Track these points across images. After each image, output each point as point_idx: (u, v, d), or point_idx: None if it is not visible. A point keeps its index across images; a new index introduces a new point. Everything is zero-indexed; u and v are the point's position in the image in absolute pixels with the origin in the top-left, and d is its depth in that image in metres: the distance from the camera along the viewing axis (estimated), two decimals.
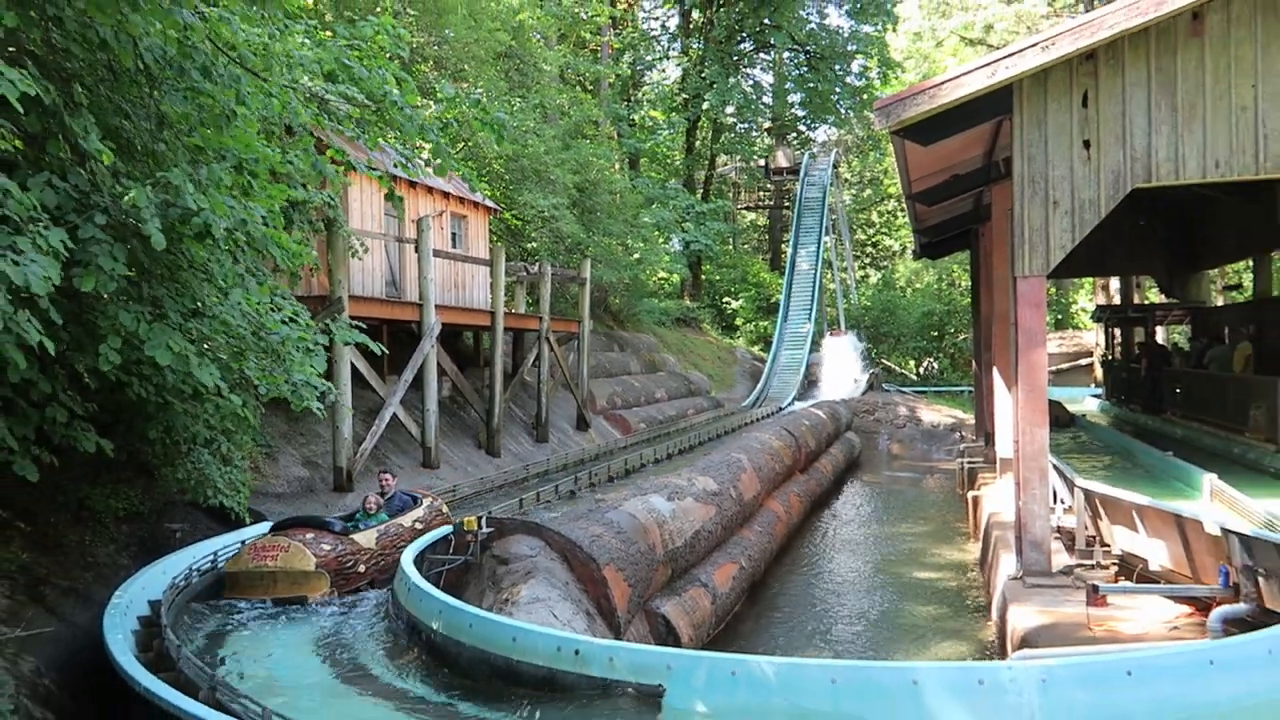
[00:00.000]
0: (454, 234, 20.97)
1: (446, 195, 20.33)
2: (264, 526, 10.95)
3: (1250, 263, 21.53)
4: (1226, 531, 8.14)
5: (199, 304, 8.10)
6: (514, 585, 8.76)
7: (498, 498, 15.60)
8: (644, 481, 13.71)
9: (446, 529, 10.28)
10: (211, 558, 9.70)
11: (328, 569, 9.36)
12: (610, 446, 23.99)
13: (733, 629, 11.53)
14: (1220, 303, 27.12)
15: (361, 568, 9.90)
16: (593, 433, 24.92)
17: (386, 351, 13.22)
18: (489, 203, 23.06)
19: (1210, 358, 18.97)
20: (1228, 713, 5.80)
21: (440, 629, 7.66)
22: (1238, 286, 30.30)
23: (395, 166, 11.52)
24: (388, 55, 9.57)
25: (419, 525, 10.92)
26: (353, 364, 14.97)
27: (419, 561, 9.39)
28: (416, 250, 17.37)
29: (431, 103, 13.51)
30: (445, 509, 11.84)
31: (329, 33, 9.68)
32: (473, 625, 7.42)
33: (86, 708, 7.21)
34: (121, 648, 6.77)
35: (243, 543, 9.82)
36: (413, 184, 18.76)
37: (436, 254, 17.91)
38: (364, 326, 11.77)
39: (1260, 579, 7.77)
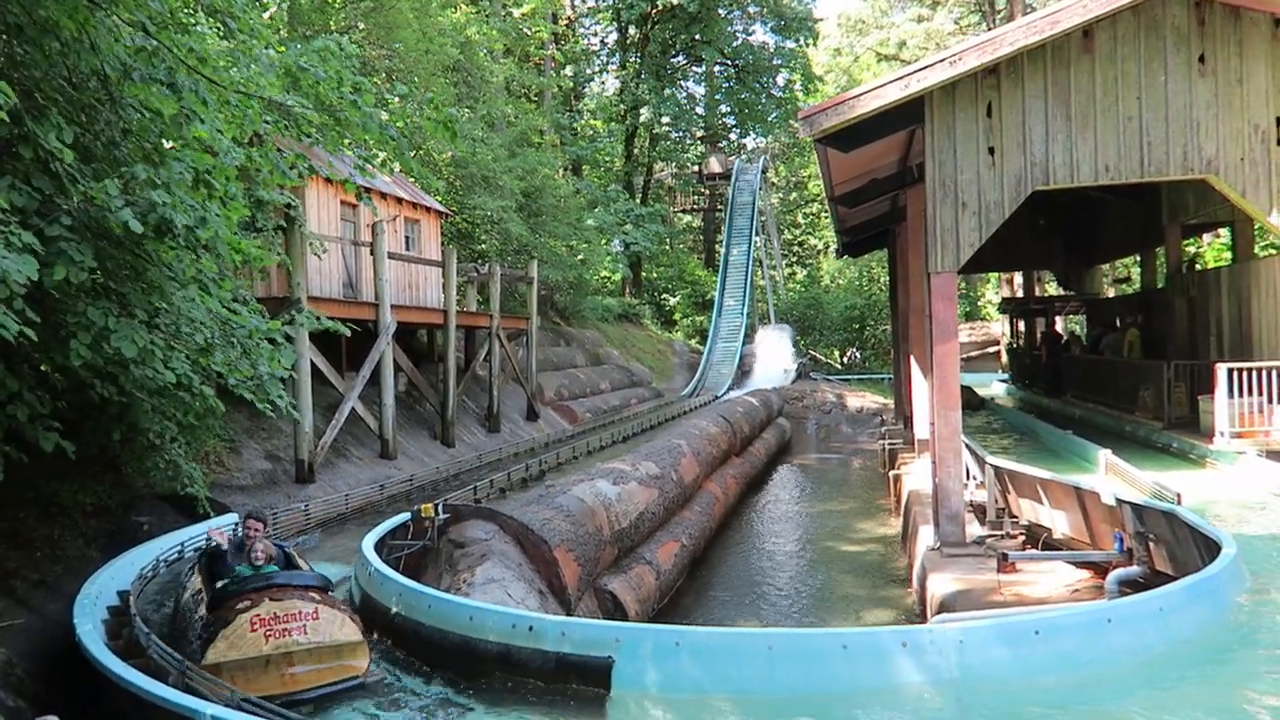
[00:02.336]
0: (408, 237, 20.71)
1: (400, 200, 20.07)
2: (229, 518, 10.72)
3: (1138, 257, 22.16)
4: (1120, 501, 8.37)
5: (164, 303, 7.88)
6: (470, 567, 8.69)
7: (453, 485, 15.47)
8: (591, 467, 13.69)
9: (405, 516, 10.16)
10: (178, 549, 9.47)
11: None
12: (559, 435, 23.92)
13: (676, 603, 11.57)
14: (1111, 294, 27.86)
15: None
16: (542, 423, 24.82)
17: (348, 333, 13.05)
18: (441, 207, 22.81)
19: (1104, 344, 19.52)
20: (1124, 664, 5.97)
21: (400, 610, 7.57)
22: (1126, 279, 31.21)
23: (354, 170, 11.30)
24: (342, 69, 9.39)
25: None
26: (313, 361, 14.74)
27: (379, 547, 9.27)
28: (372, 253, 17.14)
29: (385, 112, 13.30)
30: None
31: (283, 48, 9.46)
32: (431, 606, 7.35)
33: (58, 695, 7.00)
34: (92, 637, 6.59)
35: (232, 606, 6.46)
36: (368, 189, 18.48)
37: (391, 256, 17.69)
38: (319, 318, 11.51)
39: (1151, 544, 8.01)
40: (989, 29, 42.78)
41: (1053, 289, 32.92)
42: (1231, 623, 6.52)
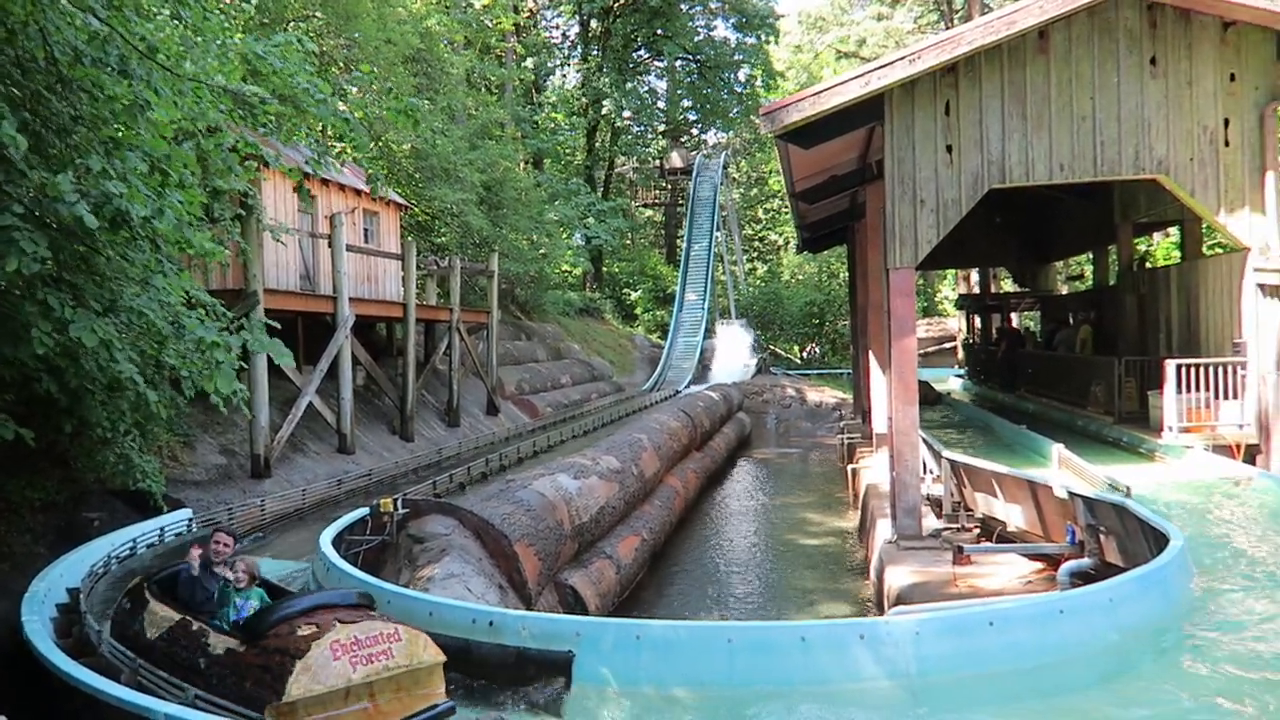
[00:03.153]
0: (366, 230, 20.48)
1: (359, 192, 19.83)
2: (183, 514, 10.54)
3: (1090, 255, 22.57)
4: (1072, 495, 8.55)
5: (117, 297, 7.71)
6: (430, 562, 8.64)
7: (412, 480, 15.36)
8: (551, 461, 13.67)
9: (363, 511, 10.06)
10: (130, 545, 9.29)
11: None
12: (519, 429, 23.83)
13: (636, 597, 11.61)
14: (1065, 291, 28.36)
15: None
16: (502, 417, 24.71)
17: (298, 342, 12.85)
18: (400, 200, 22.59)
19: (1057, 340, 19.87)
20: (1075, 654, 6.10)
21: None
22: (1080, 276, 31.78)
23: (308, 164, 11.13)
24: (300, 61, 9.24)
25: None
26: (269, 355, 14.53)
27: (337, 543, 9.18)
28: (330, 245, 16.94)
29: (342, 103, 13.14)
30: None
31: (241, 35, 9.30)
32: (390, 602, 7.29)
33: (5, 695, 6.84)
34: (41, 635, 6.45)
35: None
36: (325, 182, 18.24)
37: (349, 249, 17.50)
38: (279, 326, 11.28)
39: (1101, 536, 8.19)
40: (947, 28, 43.28)
41: (1008, 286, 33.42)
42: (1179, 613, 6.69)
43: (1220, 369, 11.22)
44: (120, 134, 7.61)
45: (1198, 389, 11.33)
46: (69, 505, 10.14)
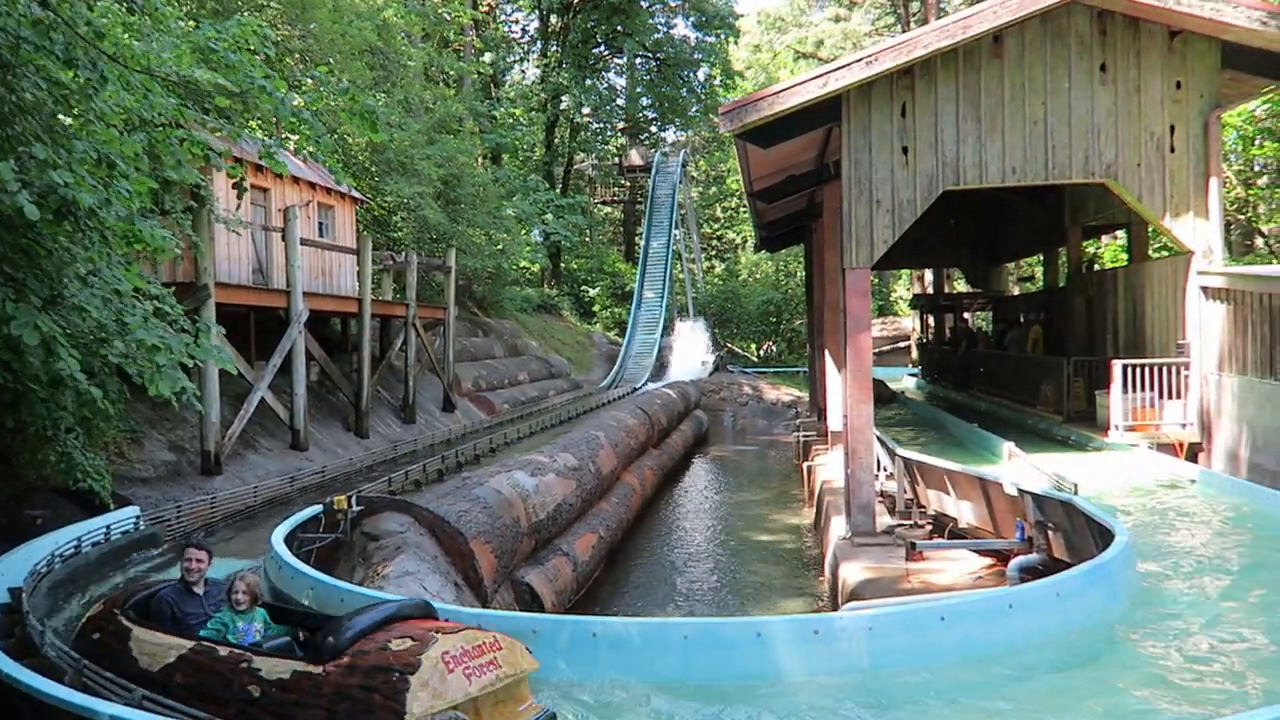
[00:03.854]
0: (321, 223, 20.21)
1: (314, 186, 19.56)
2: (130, 511, 10.33)
3: (1041, 257, 22.99)
4: (1022, 492, 8.71)
5: (60, 292, 7.51)
6: (384, 560, 8.57)
7: (367, 477, 15.20)
8: (509, 459, 13.61)
9: (316, 508, 9.94)
10: (75, 543, 9.08)
11: None
12: (476, 426, 23.69)
13: (593, 594, 11.61)
14: (1017, 292, 28.87)
15: None
16: (459, 414, 24.55)
17: (250, 337, 12.64)
18: (355, 193, 22.33)
19: (1008, 340, 20.23)
20: (1024, 647, 6.21)
21: (313, 605, 7.41)
22: (1031, 278, 32.36)
23: (261, 158, 10.94)
24: (254, 52, 9.07)
25: None
26: (220, 349, 14.29)
27: (289, 540, 9.06)
28: (284, 239, 16.70)
29: (298, 96, 12.92)
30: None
31: (193, 23, 9.11)
32: (344, 600, 7.21)
33: None
34: None
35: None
36: (279, 174, 17.97)
37: (304, 242, 17.27)
38: (223, 330, 11.08)
39: (1050, 532, 8.35)
40: (904, 31, 43.81)
41: (961, 286, 33.93)
42: (1124, 606, 6.85)
43: (1164, 369, 11.50)
44: (70, 123, 7.42)
45: (1143, 389, 11.60)
46: (11, 502, 9.90)
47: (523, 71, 53.69)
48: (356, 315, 19.66)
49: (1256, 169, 21.42)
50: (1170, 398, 11.46)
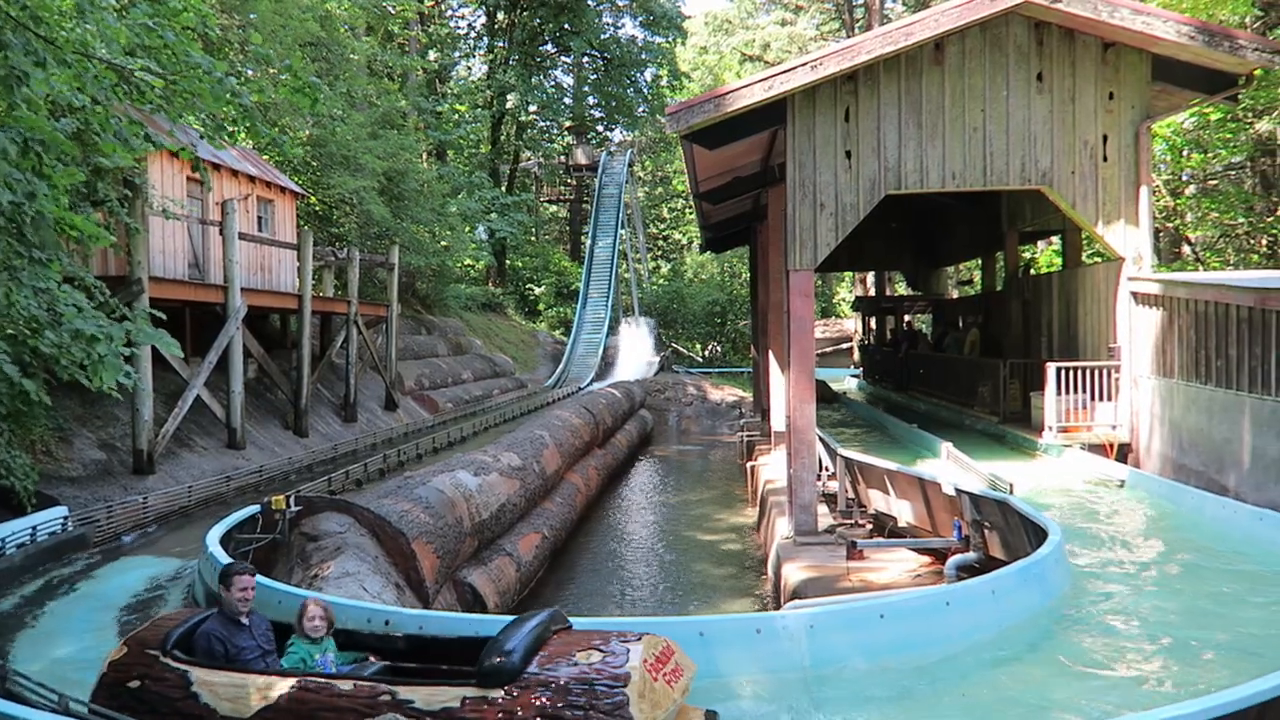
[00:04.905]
0: (260, 217, 19.81)
1: (253, 179, 19.17)
2: (58, 511, 10.02)
3: (980, 261, 23.46)
4: (959, 491, 8.87)
5: None
6: (323, 561, 8.42)
7: (306, 477, 14.94)
8: (451, 458, 13.49)
9: (253, 508, 9.74)
10: None
11: None
12: (418, 425, 23.44)
13: (536, 594, 11.55)
14: (956, 295, 29.43)
15: None
16: (401, 412, 24.26)
17: (185, 333, 12.34)
18: (296, 187, 21.93)
19: (947, 342, 20.62)
20: (961, 643, 6.34)
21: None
22: (969, 282, 33.02)
23: (202, 139, 10.63)
24: (191, 30, 8.81)
25: None
26: (153, 345, 13.91)
27: (224, 541, 8.86)
28: (221, 232, 16.33)
29: (235, 80, 12.59)
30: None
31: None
32: (281, 602, 7.08)
33: None
34: None
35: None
36: (217, 166, 17.58)
37: (242, 237, 16.91)
38: (164, 316, 10.75)
39: (986, 531, 8.53)
40: (848, 36, 44.41)
41: (903, 289, 34.48)
42: (1056, 601, 7.03)
43: (1097, 372, 11.82)
44: None
45: (1076, 391, 11.90)
46: None
47: (468, 68, 53.27)
48: (296, 312, 19.32)
49: (1184, 179, 22.15)
50: (1102, 400, 11.78)
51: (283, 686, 4.73)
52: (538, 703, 4.36)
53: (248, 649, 5.12)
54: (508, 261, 48.74)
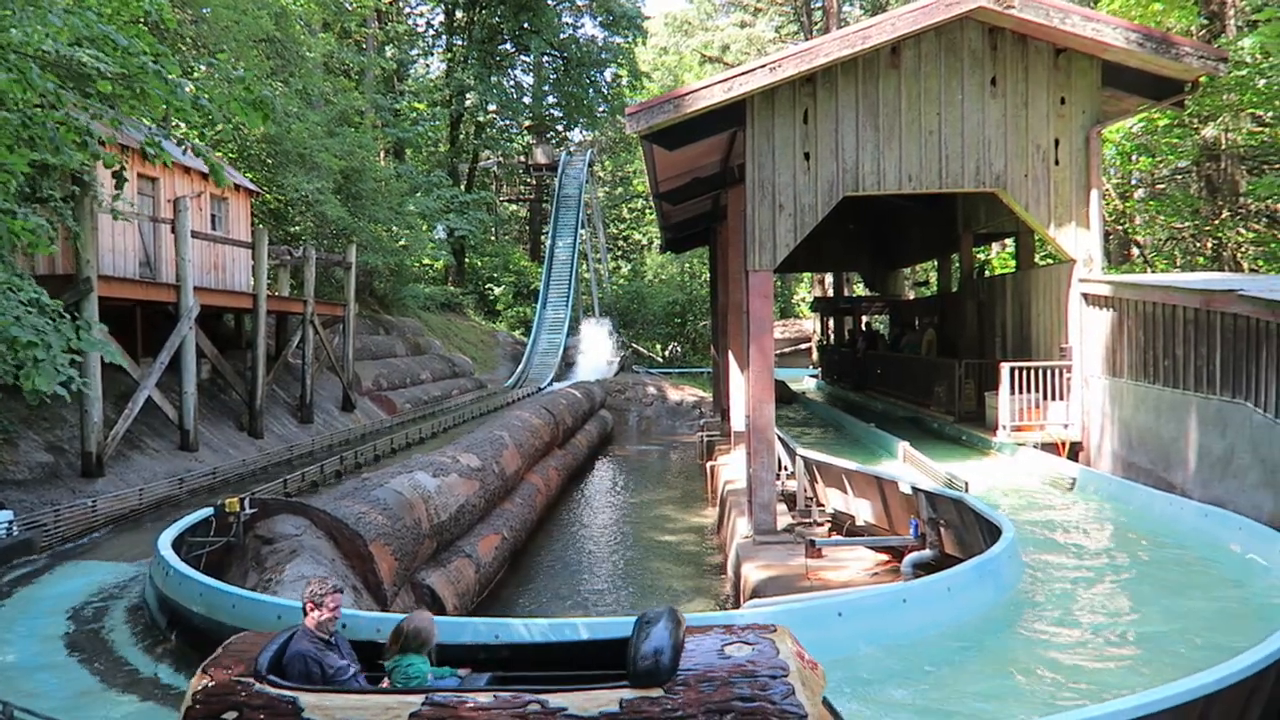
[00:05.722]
0: (214, 215, 19.49)
1: (205, 176, 18.84)
2: (1, 515, 9.77)
3: (936, 263, 23.77)
4: (916, 490, 8.98)
5: None
6: (279, 564, 8.31)
7: (261, 479, 14.72)
8: (410, 459, 13.37)
9: (207, 511, 9.57)
10: None
11: None
12: (376, 426, 23.21)
13: (496, 595, 11.49)
14: (912, 296, 29.77)
15: None
16: (358, 413, 24.00)
17: (136, 333, 12.09)
18: (251, 185, 21.60)
19: (904, 343, 20.86)
20: (917, 640, 6.42)
21: (202, 611, 7.15)
22: (926, 283, 33.43)
23: (146, 145, 10.41)
24: (144, 23, 8.61)
25: None
26: (105, 343, 13.62)
27: (177, 545, 8.71)
28: (174, 231, 16.03)
29: (190, 83, 12.36)
30: None
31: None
32: (236, 606, 6.99)
33: None
34: None
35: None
36: (167, 164, 17.26)
37: (195, 235, 16.63)
38: (109, 324, 10.56)
39: (942, 529, 8.64)
40: (807, 39, 44.75)
41: (861, 290, 34.81)
42: (1010, 598, 7.14)
43: (1049, 372, 12.03)
44: None
45: (1029, 390, 12.11)
46: None
47: (427, 66, 52.84)
48: (251, 311, 19.03)
49: (1133, 183, 22.64)
50: (1054, 399, 11.99)
51: (411, 704, 4.44)
52: (704, 698, 4.33)
53: (341, 668, 4.85)
54: (467, 261, 48.43)
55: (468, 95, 46.37)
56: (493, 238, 52.36)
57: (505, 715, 4.34)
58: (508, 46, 49.92)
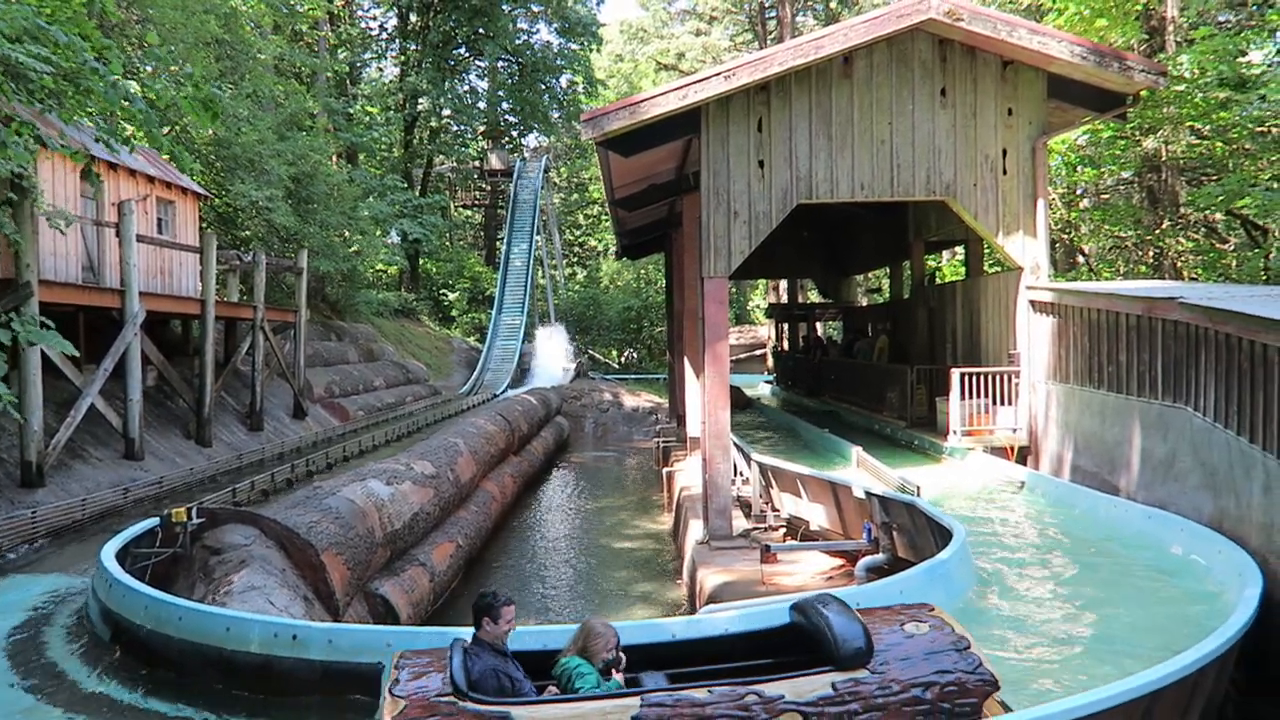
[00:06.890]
0: (161, 219, 19.10)
1: (152, 179, 18.47)
2: None
3: (888, 270, 24.07)
4: (869, 494, 9.08)
5: None
6: (227, 575, 8.15)
7: (209, 488, 14.44)
8: (363, 467, 13.21)
9: (153, 521, 9.36)
10: None
11: None
12: (328, 434, 22.90)
13: (451, 604, 11.39)
14: (865, 303, 30.11)
15: None
16: (310, 421, 23.65)
17: (79, 339, 11.79)
18: (199, 188, 21.21)
19: (857, 349, 21.07)
20: None
21: (147, 624, 6.98)
22: (878, 290, 33.83)
23: (97, 142, 10.19)
24: (89, 17, 8.43)
25: None
26: (44, 352, 13.26)
27: (121, 556, 8.50)
28: (118, 235, 15.69)
29: (134, 83, 12.12)
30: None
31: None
32: (182, 618, 6.84)
33: None
34: None
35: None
36: (114, 166, 16.89)
37: (140, 239, 16.28)
38: (53, 325, 10.22)
39: (894, 533, 8.74)
40: (761, 48, 45.13)
41: (815, 296, 35.12)
42: (962, 601, 7.24)
43: (998, 377, 12.23)
44: None
45: (979, 396, 12.30)
46: None
47: (380, 70, 52.36)
48: (199, 317, 18.69)
49: (1079, 192, 23.16)
50: (1003, 404, 12.20)
51: (630, 706, 4.40)
52: (901, 676, 4.55)
53: (520, 680, 4.78)
54: (421, 266, 48.02)
55: (421, 100, 46.03)
56: (447, 243, 51.99)
57: (727, 709, 4.40)
58: (462, 51, 49.66)
